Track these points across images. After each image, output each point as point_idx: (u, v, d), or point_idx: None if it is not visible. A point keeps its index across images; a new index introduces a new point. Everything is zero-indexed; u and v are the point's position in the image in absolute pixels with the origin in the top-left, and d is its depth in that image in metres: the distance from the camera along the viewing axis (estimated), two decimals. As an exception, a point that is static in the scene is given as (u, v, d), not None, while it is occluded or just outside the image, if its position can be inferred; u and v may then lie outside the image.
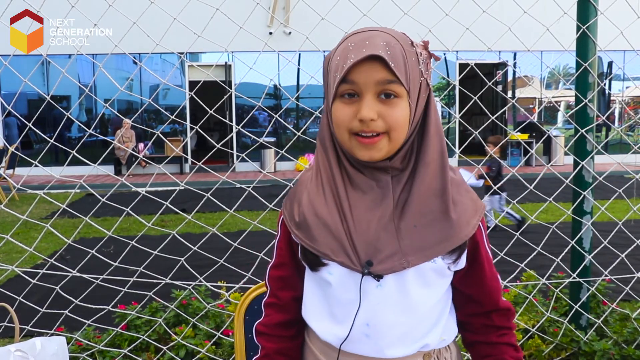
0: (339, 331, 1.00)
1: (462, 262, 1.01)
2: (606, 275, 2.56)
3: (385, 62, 0.88)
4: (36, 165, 2.14)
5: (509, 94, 13.35)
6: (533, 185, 2.40)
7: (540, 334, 2.43)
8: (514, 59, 12.37)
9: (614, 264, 2.62)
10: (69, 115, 2.13)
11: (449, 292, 1.06)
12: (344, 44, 0.92)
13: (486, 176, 4.84)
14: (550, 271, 2.52)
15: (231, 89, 11.38)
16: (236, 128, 2.30)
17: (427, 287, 0.98)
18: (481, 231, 1.02)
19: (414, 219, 0.94)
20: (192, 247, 2.33)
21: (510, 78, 13.66)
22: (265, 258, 1.76)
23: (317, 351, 1.08)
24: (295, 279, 1.08)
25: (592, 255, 2.44)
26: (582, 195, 2.38)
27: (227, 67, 12.46)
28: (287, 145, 2.66)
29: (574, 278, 2.44)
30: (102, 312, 2.34)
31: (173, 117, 2.32)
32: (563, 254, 2.53)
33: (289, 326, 1.10)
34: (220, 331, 2.37)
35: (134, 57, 11.07)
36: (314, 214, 0.97)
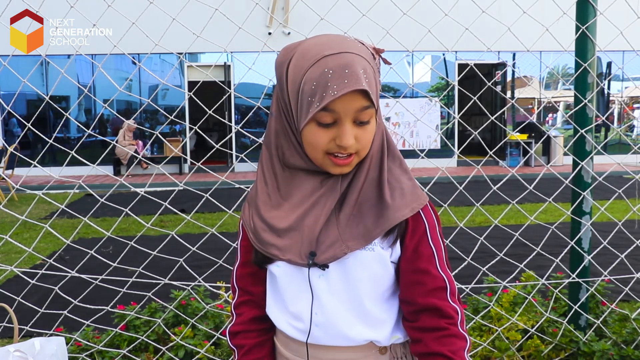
0: (300, 325, 1.02)
1: (398, 250, 1.00)
2: (605, 276, 2.56)
3: (365, 91, 0.90)
4: (35, 166, 2.14)
5: (508, 94, 13.35)
6: (532, 185, 2.41)
7: (540, 334, 2.43)
8: (513, 59, 12.37)
9: (613, 265, 2.62)
10: (68, 116, 2.13)
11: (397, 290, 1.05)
12: (319, 67, 0.89)
13: None
14: (549, 271, 2.52)
15: (230, 89, 11.38)
16: (235, 128, 2.30)
17: (371, 278, 0.99)
18: (423, 221, 0.99)
19: (352, 208, 0.98)
20: (191, 247, 2.33)
21: (509, 78, 13.67)
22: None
23: (284, 349, 1.08)
24: (264, 274, 1.09)
25: (591, 255, 2.44)
26: (581, 196, 2.38)
27: (226, 68, 12.45)
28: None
29: (573, 278, 2.45)
30: (101, 313, 2.34)
31: (172, 117, 2.32)
32: (562, 254, 2.53)
33: (264, 320, 1.11)
34: (219, 332, 2.37)
35: (133, 58, 11.06)
36: (259, 217, 1.02)
